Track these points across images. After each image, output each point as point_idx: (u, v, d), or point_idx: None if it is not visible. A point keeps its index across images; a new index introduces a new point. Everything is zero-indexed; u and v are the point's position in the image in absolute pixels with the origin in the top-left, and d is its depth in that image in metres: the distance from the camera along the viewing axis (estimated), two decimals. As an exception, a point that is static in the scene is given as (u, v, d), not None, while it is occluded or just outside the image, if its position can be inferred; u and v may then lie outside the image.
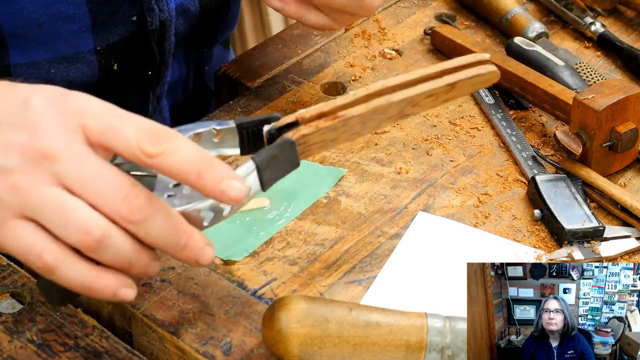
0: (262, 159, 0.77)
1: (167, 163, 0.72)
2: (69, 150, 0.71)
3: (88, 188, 0.71)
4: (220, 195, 0.73)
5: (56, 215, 0.71)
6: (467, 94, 0.87)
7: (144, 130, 0.72)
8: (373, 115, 0.81)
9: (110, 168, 0.72)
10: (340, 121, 0.79)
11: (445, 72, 0.82)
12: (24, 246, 0.72)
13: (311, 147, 0.80)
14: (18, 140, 0.72)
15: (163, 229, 0.72)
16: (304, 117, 0.79)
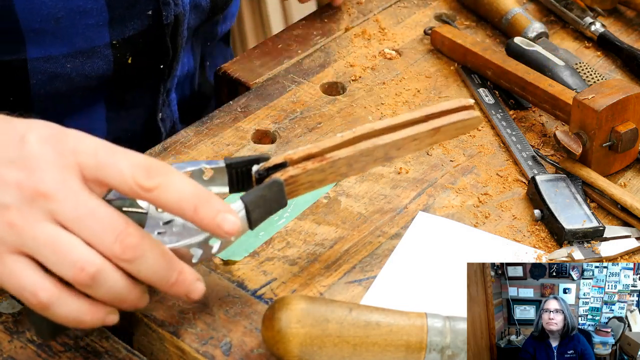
0: (251, 199, 0.79)
1: (164, 197, 0.74)
2: (64, 189, 0.73)
3: (82, 226, 0.72)
4: (216, 228, 0.75)
5: (51, 252, 0.72)
6: (451, 138, 0.89)
7: (139, 165, 0.74)
8: (359, 158, 0.84)
9: (105, 206, 0.73)
10: (327, 163, 0.83)
11: (430, 117, 0.86)
12: (19, 283, 0.73)
13: (299, 188, 0.83)
14: (14, 177, 0.73)
15: (155, 266, 0.74)
16: (292, 159, 0.82)
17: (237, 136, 1.04)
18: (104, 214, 0.73)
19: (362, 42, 1.19)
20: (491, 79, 1.11)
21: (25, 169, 0.73)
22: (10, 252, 0.72)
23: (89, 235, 0.72)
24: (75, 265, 0.72)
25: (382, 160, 0.86)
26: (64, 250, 0.72)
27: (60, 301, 0.73)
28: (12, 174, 0.73)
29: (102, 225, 0.72)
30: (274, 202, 0.81)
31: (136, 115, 1.14)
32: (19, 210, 0.72)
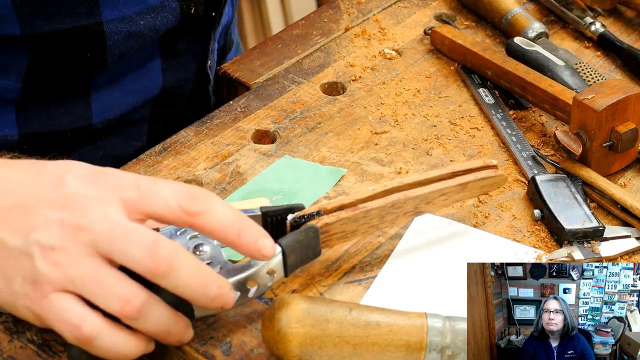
0: (288, 242, 0.81)
1: (209, 221, 0.76)
2: (102, 219, 0.74)
3: (116, 249, 0.73)
4: (257, 253, 0.77)
5: (97, 287, 0.73)
6: (476, 195, 0.93)
7: (182, 192, 0.76)
8: (390, 210, 0.87)
9: (137, 226, 0.74)
10: (360, 213, 0.86)
11: (456, 174, 0.90)
12: (63, 318, 0.73)
13: (332, 237, 0.86)
14: (57, 216, 0.74)
15: (192, 279, 0.74)
16: (326, 208, 0.85)
17: (237, 136, 1.04)
18: (135, 233, 0.73)
19: (362, 42, 1.19)
20: (491, 79, 1.11)
21: (66, 207, 0.74)
22: (55, 290, 0.73)
23: (122, 257, 0.73)
24: (121, 298, 0.73)
25: (411, 214, 0.89)
26: (110, 284, 0.73)
27: (104, 334, 0.73)
28: (54, 214, 0.74)
29: (132, 244, 0.73)
30: (308, 249, 0.84)
31: (188, 64, 1.15)
32: (62, 249, 0.73)
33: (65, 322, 0.73)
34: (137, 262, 0.73)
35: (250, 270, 0.80)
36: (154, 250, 0.73)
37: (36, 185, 0.76)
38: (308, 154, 1.02)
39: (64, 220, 0.74)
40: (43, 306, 0.73)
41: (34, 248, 0.73)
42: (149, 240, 0.73)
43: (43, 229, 0.74)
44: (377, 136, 1.05)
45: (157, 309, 0.74)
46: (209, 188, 0.97)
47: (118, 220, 0.74)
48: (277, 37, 1.20)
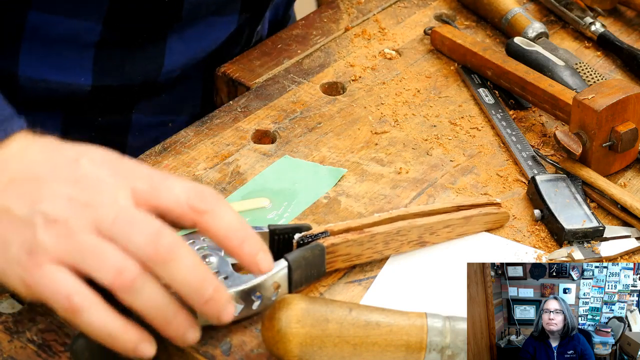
0: (294, 257, 0.83)
1: (215, 223, 0.76)
2: (111, 202, 0.75)
3: (119, 232, 0.74)
4: (255, 265, 0.77)
5: (92, 258, 0.73)
6: (479, 231, 0.94)
7: (193, 189, 0.77)
8: (395, 236, 0.89)
9: (144, 213, 0.75)
10: (366, 236, 0.87)
11: (461, 208, 0.93)
12: (55, 288, 0.73)
13: (337, 259, 0.87)
14: (66, 192, 0.75)
15: (190, 274, 0.74)
16: (332, 230, 0.87)
17: (237, 136, 1.04)
18: (141, 219, 0.74)
19: (362, 42, 1.19)
20: (491, 79, 1.11)
21: (77, 185, 0.75)
22: (51, 261, 0.73)
23: (124, 239, 0.74)
24: (115, 268, 0.73)
25: (415, 243, 0.91)
26: (105, 256, 0.73)
27: (94, 308, 0.73)
28: (64, 189, 0.75)
29: (137, 229, 0.74)
30: (314, 267, 0.85)
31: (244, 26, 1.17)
32: (65, 223, 0.74)
33: (56, 292, 0.73)
34: (138, 247, 0.73)
35: (255, 282, 0.80)
36: (157, 238, 0.73)
37: (51, 163, 0.77)
38: (308, 154, 1.02)
39: (73, 196, 0.75)
40: (35, 275, 0.73)
41: (38, 218, 0.74)
42: (154, 227, 0.74)
43: (50, 202, 0.75)
44: (377, 136, 1.05)
45: (151, 285, 0.73)
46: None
47: (126, 206, 0.75)
48: (277, 37, 1.20)
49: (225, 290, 0.76)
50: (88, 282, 0.74)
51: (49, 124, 1.14)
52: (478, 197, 0.97)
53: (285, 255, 0.83)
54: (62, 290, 0.73)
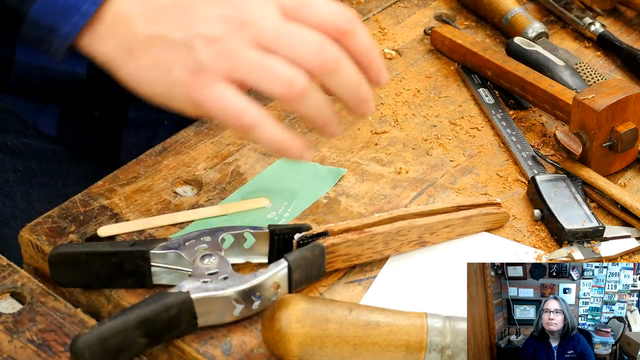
0: (294, 258, 0.83)
1: (357, 42, 0.80)
2: (266, 17, 0.78)
3: (284, 45, 0.78)
4: (376, 77, 0.82)
5: (261, 73, 0.77)
6: (479, 231, 0.94)
7: (336, 10, 0.80)
8: (395, 236, 0.89)
9: (303, 27, 0.79)
10: (366, 236, 0.87)
11: (461, 208, 0.93)
12: (225, 106, 0.77)
13: (337, 259, 0.87)
14: (219, 13, 0.78)
15: (350, 79, 0.80)
16: (332, 230, 0.87)
17: (237, 136, 1.04)
18: (303, 32, 0.78)
19: (362, 42, 1.19)
20: (491, 79, 1.11)
21: (227, 5, 0.78)
22: (219, 79, 0.77)
23: (291, 52, 0.77)
24: (285, 81, 0.77)
25: (415, 243, 0.91)
26: (274, 69, 0.77)
27: (263, 124, 0.77)
28: (215, 10, 0.78)
29: (302, 41, 0.77)
30: (313, 267, 0.85)
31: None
32: (226, 40, 0.76)
33: (228, 110, 0.77)
34: (305, 59, 0.77)
35: (255, 281, 0.80)
36: (323, 49, 0.78)
37: None
38: (308, 154, 1.02)
39: (226, 15, 0.77)
40: (204, 94, 0.77)
41: (197, 40, 0.77)
42: (318, 39, 0.78)
43: (205, 23, 0.77)
44: (377, 136, 1.05)
45: (317, 93, 0.78)
46: (209, 188, 0.97)
47: (282, 20, 0.78)
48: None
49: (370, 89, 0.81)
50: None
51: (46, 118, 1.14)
52: (478, 197, 0.97)
53: (285, 255, 0.83)
54: (233, 108, 0.77)
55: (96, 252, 0.83)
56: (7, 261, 0.87)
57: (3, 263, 0.87)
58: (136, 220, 0.92)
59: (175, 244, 0.84)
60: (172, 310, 0.78)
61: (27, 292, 0.84)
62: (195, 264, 0.82)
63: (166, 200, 0.95)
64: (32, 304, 0.83)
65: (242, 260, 0.87)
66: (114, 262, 0.83)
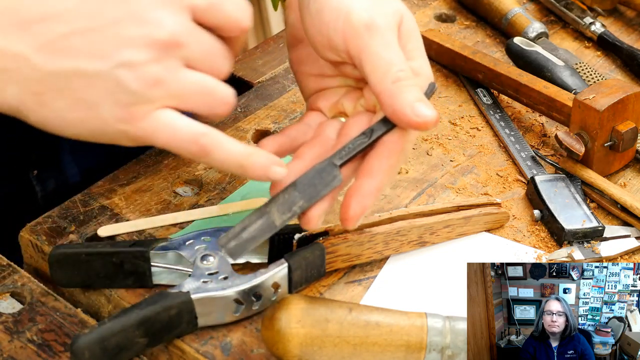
0: (294, 258, 0.83)
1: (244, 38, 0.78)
2: (190, 33, 0.73)
3: (207, 63, 0.74)
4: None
5: (203, 96, 0.73)
6: (479, 231, 0.94)
7: (242, 6, 0.75)
8: (395, 236, 0.89)
9: (215, 38, 0.75)
10: (366, 236, 0.87)
11: (461, 208, 0.93)
12: (176, 134, 0.72)
13: (337, 259, 0.87)
14: (137, 34, 0.70)
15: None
16: (332, 230, 0.86)
17: (237, 136, 1.04)
18: (218, 45, 0.75)
19: (362, 42, 1.19)
20: (482, 82, 1.11)
21: (142, 22, 0.71)
22: (158, 107, 0.72)
23: (210, 68, 0.74)
24: (225, 102, 0.74)
25: (415, 243, 0.91)
26: (213, 91, 0.74)
27: (221, 144, 0.74)
28: (132, 31, 0.70)
29: (220, 57, 0.75)
30: (313, 267, 0.85)
31: None
32: (159, 63, 0.71)
33: (180, 138, 0.72)
34: (221, 73, 0.75)
35: (255, 282, 0.80)
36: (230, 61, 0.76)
37: (88, 5, 0.71)
38: (308, 154, 1.02)
39: (146, 36, 0.70)
40: (146, 126, 0.72)
41: (121, 70, 0.70)
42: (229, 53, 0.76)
43: (125, 48, 0.70)
44: (377, 136, 1.05)
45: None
46: (209, 188, 0.97)
47: (201, 34, 0.73)
48: (278, 37, 1.20)
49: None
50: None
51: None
52: (478, 197, 0.97)
53: (285, 256, 0.83)
54: (186, 135, 0.72)
55: (96, 252, 0.83)
56: (7, 261, 0.88)
57: (3, 263, 0.87)
58: (136, 220, 0.92)
59: (175, 244, 0.84)
60: (172, 310, 0.78)
61: (27, 292, 0.85)
62: (195, 264, 0.82)
63: (166, 200, 0.95)
64: (32, 304, 0.84)
65: (242, 261, 0.87)
66: (114, 262, 0.83)
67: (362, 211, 0.76)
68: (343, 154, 0.78)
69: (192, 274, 0.81)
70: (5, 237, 0.94)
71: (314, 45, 0.82)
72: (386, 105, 0.76)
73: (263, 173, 0.75)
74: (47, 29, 0.70)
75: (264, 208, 0.76)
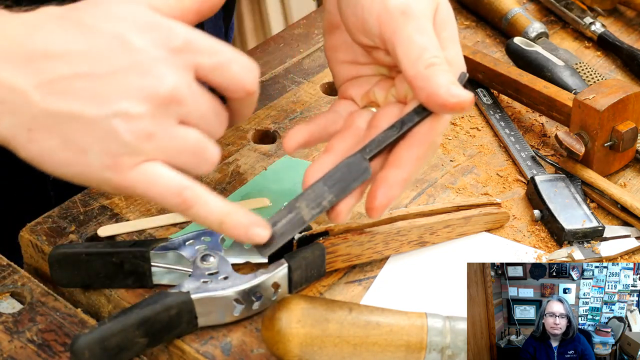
0: (295, 258, 0.83)
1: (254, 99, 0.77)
2: (190, 92, 0.72)
3: (203, 122, 0.73)
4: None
5: (192, 155, 0.73)
6: (479, 231, 0.94)
7: (248, 69, 0.75)
8: (395, 236, 0.89)
9: (214, 99, 0.74)
10: (366, 236, 0.87)
11: (461, 208, 0.93)
12: (161, 186, 0.72)
13: (337, 259, 0.87)
14: (138, 85, 0.70)
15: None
16: (332, 230, 0.87)
17: (237, 136, 1.04)
18: (217, 109, 0.74)
19: (362, 42, 1.19)
20: (482, 82, 1.11)
21: (144, 74, 0.70)
22: (145, 160, 0.71)
23: (209, 130, 0.74)
24: (214, 163, 0.74)
25: (415, 243, 0.91)
26: (204, 151, 0.73)
27: (204, 198, 0.73)
28: (133, 81, 0.70)
29: (219, 120, 0.74)
30: (314, 267, 0.85)
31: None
32: (153, 118, 0.70)
33: (164, 190, 0.72)
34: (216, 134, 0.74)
35: (255, 282, 0.80)
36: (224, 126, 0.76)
37: (95, 50, 0.70)
38: (308, 154, 1.02)
39: (146, 89, 0.70)
40: (131, 178, 0.71)
41: (117, 120, 0.69)
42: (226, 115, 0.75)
43: (124, 98, 0.70)
44: (377, 136, 1.05)
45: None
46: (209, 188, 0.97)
47: (202, 94, 0.73)
48: (278, 37, 1.20)
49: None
50: None
51: None
52: (478, 197, 0.97)
53: (285, 256, 0.83)
54: (170, 188, 0.72)
55: (96, 252, 0.83)
56: (7, 261, 0.88)
57: (3, 263, 0.87)
58: (136, 220, 0.92)
59: (175, 244, 0.84)
60: (172, 310, 0.78)
61: (27, 292, 0.85)
62: (195, 264, 0.82)
63: (166, 200, 0.95)
64: (32, 304, 0.84)
65: (242, 260, 0.87)
66: (114, 262, 0.83)
67: (389, 202, 0.76)
68: (373, 147, 0.77)
69: (192, 274, 0.81)
70: (5, 237, 0.94)
71: (347, 28, 0.82)
72: (419, 89, 0.75)
73: (243, 233, 0.74)
74: (49, 68, 0.70)
75: (294, 203, 0.76)
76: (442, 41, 0.79)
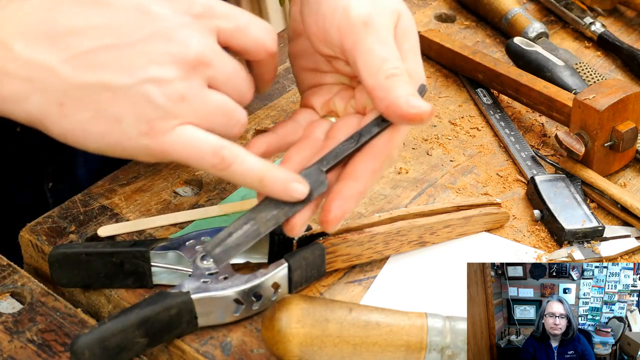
0: (295, 258, 0.83)
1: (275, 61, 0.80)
2: (216, 54, 0.74)
3: (230, 85, 0.75)
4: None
5: (222, 116, 0.74)
6: (479, 230, 0.94)
7: (267, 30, 0.78)
8: (395, 236, 0.89)
9: (238, 63, 0.77)
10: (366, 236, 0.87)
11: (461, 208, 0.93)
12: (198, 148, 0.73)
13: (337, 259, 0.87)
14: (164, 51, 0.72)
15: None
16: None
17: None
18: (242, 71, 0.77)
19: (362, 42, 1.19)
20: (482, 82, 1.11)
21: (169, 40, 0.72)
22: (180, 123, 0.73)
23: (233, 91, 0.75)
24: (243, 124, 0.76)
25: (415, 243, 0.91)
26: (233, 113, 0.75)
27: (242, 157, 0.74)
28: (159, 48, 0.72)
29: (243, 82, 0.76)
30: (314, 267, 0.85)
31: None
32: (185, 81, 0.72)
33: (201, 151, 0.73)
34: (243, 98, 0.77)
35: (255, 282, 0.80)
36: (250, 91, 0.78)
37: (117, 22, 0.72)
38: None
39: (176, 54, 0.72)
40: (168, 142, 0.72)
41: (148, 85, 0.71)
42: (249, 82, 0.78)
43: (153, 64, 0.71)
44: (377, 136, 1.05)
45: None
46: (209, 188, 0.97)
47: (227, 57, 0.75)
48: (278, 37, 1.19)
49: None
50: None
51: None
52: (478, 197, 0.97)
53: (285, 256, 0.83)
54: (207, 149, 0.73)
55: (96, 252, 0.83)
56: (7, 261, 0.88)
57: (3, 263, 0.87)
58: (136, 220, 0.92)
59: (175, 244, 0.84)
60: (172, 310, 0.78)
61: (27, 292, 0.84)
62: (195, 264, 0.82)
63: (166, 200, 0.95)
64: (32, 304, 0.83)
65: (242, 260, 0.87)
66: (114, 262, 0.83)
67: (343, 215, 0.76)
68: (330, 159, 0.78)
69: (192, 274, 0.81)
70: (5, 237, 0.94)
71: (309, 37, 0.83)
72: (379, 99, 0.76)
73: (283, 188, 0.75)
74: (75, 43, 0.71)
75: (250, 214, 0.76)
76: (403, 53, 0.79)
